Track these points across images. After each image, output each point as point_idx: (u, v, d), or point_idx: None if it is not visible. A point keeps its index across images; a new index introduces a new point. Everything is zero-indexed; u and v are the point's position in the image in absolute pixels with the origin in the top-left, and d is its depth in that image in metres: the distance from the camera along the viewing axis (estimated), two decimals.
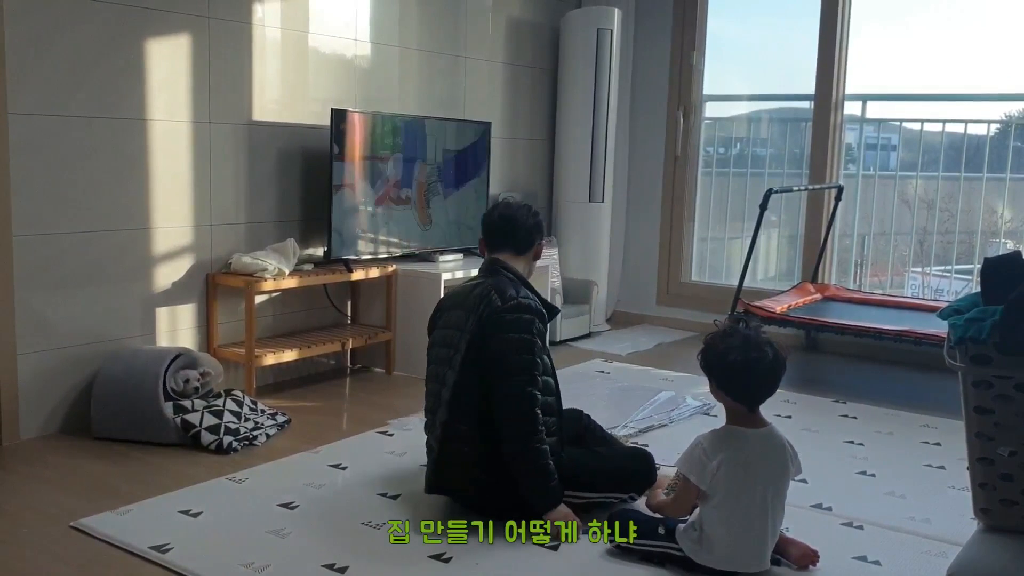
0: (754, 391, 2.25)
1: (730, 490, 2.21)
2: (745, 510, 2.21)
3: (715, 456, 2.22)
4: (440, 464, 2.60)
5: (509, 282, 2.63)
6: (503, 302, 2.54)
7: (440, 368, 2.62)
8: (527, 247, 2.77)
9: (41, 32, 3.14)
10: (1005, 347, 1.76)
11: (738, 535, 2.23)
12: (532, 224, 2.77)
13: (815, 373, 4.73)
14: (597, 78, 5.17)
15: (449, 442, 2.56)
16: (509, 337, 2.51)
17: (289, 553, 2.39)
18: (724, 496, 2.21)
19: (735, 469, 2.21)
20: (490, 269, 2.71)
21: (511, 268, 2.70)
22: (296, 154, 4.05)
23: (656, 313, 5.57)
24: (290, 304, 4.10)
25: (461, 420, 2.54)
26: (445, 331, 2.66)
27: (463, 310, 2.61)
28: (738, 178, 5.61)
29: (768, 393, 2.26)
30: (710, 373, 2.28)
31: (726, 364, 2.22)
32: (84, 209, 3.33)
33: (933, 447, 3.40)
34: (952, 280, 5.11)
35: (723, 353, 2.22)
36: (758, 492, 2.22)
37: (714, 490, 2.21)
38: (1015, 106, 5.03)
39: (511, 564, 2.36)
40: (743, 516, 2.21)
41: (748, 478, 2.22)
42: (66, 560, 2.35)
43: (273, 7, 3.89)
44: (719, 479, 2.20)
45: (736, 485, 2.21)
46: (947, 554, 2.31)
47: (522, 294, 2.60)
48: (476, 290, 2.62)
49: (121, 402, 3.21)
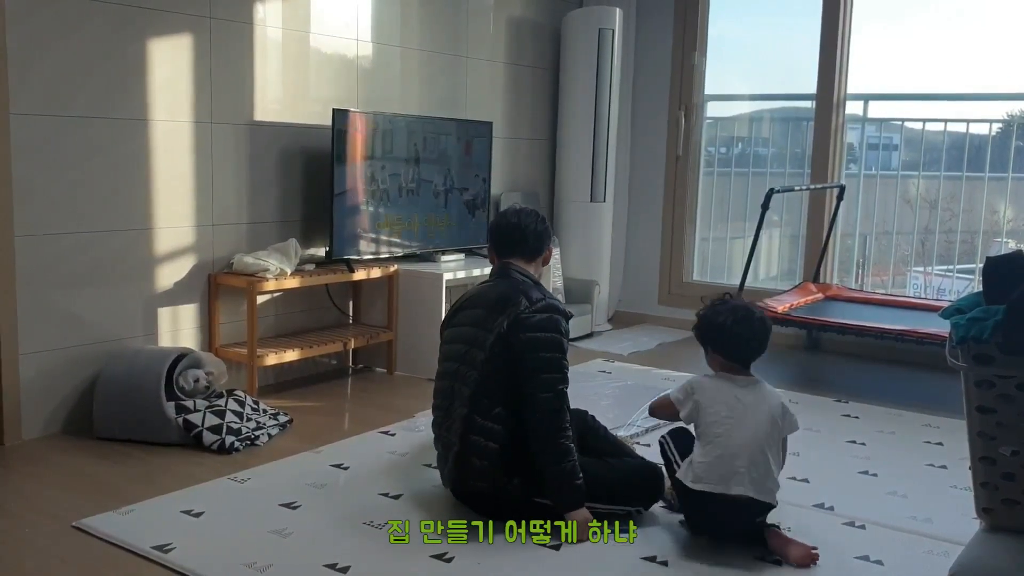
0: (744, 348, 2.52)
1: (709, 423, 2.44)
2: (725, 443, 2.40)
3: (700, 391, 2.48)
4: (460, 459, 2.57)
5: (530, 285, 2.67)
6: (531, 303, 2.58)
7: (457, 365, 2.62)
8: (537, 253, 2.79)
9: (43, 32, 3.15)
10: (1007, 346, 1.76)
11: (711, 463, 2.39)
12: (542, 230, 2.79)
13: (817, 373, 4.73)
14: (598, 78, 5.17)
15: (470, 435, 2.54)
16: (540, 336, 2.55)
17: (291, 553, 2.39)
18: (705, 427, 2.45)
19: (718, 406, 2.45)
20: (504, 272, 2.74)
21: (525, 272, 2.74)
22: (297, 154, 4.05)
23: (658, 313, 5.56)
24: (292, 304, 4.10)
25: (484, 416, 2.53)
26: (461, 329, 2.67)
27: (483, 309, 2.63)
28: (740, 178, 5.61)
29: (758, 351, 2.54)
30: (705, 340, 2.57)
31: (719, 326, 2.52)
32: (86, 209, 3.33)
33: (935, 447, 3.40)
34: (954, 280, 5.10)
35: (715, 318, 2.54)
36: (739, 432, 2.41)
37: (695, 419, 2.47)
38: (1017, 105, 5.03)
39: (512, 564, 2.36)
40: (722, 446, 2.40)
41: (732, 416, 2.43)
42: (68, 560, 2.35)
43: (274, 7, 3.89)
44: (702, 410, 2.46)
45: (716, 418, 2.43)
46: (949, 554, 2.30)
47: (548, 295, 2.65)
48: (497, 289, 2.66)
49: (123, 402, 3.21)
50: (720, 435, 2.41)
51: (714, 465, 2.39)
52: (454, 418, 2.59)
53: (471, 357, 2.58)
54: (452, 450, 2.59)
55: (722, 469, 2.38)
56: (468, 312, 2.70)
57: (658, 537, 2.53)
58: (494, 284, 2.72)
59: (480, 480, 2.56)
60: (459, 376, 2.61)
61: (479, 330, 2.61)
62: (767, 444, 2.42)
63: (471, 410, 2.54)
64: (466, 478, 2.59)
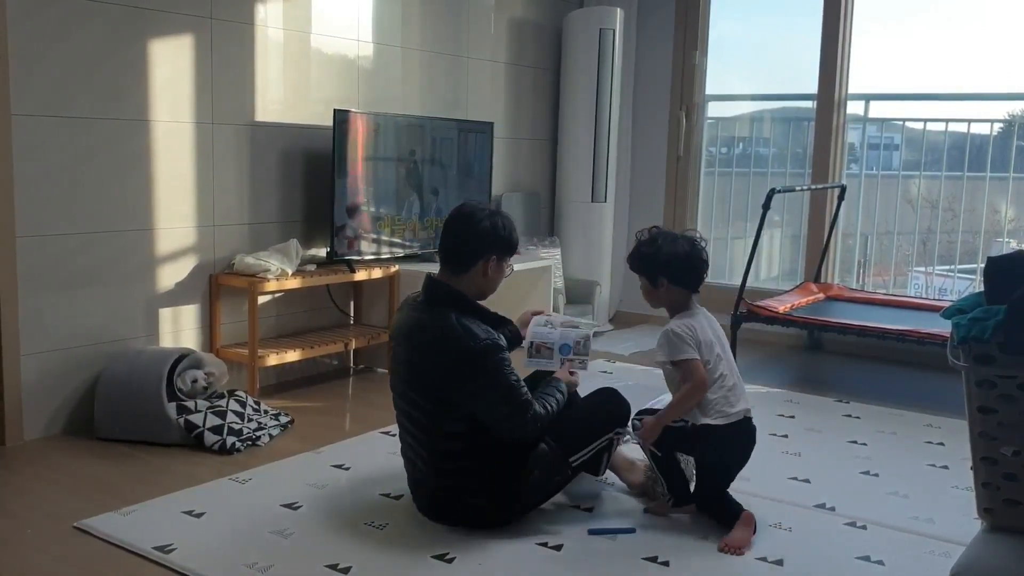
0: (700, 273, 2.62)
1: (710, 358, 2.54)
2: (727, 368, 2.56)
3: (692, 333, 2.55)
4: (437, 499, 2.55)
5: (453, 315, 2.45)
6: (459, 355, 2.40)
7: (405, 407, 2.56)
8: (467, 264, 2.53)
9: (44, 33, 3.15)
10: (1008, 347, 1.76)
11: (728, 388, 2.54)
12: (475, 234, 2.51)
13: (818, 373, 4.72)
14: (599, 78, 5.17)
15: (445, 480, 2.51)
16: (484, 393, 2.43)
17: (292, 553, 2.39)
18: (713, 364, 2.54)
19: (706, 343, 2.55)
20: (428, 292, 2.55)
21: (450, 291, 2.52)
22: (299, 155, 4.05)
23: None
24: (293, 304, 4.10)
25: (450, 460, 2.49)
26: (395, 368, 2.59)
27: (410, 350, 2.51)
28: (741, 178, 5.61)
29: (705, 275, 2.65)
30: (661, 271, 2.58)
31: (678, 255, 2.57)
32: (87, 210, 3.33)
33: (936, 447, 3.39)
34: (955, 280, 5.10)
35: (675, 248, 2.58)
36: (717, 354, 2.56)
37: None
38: (1018, 105, 5.03)
39: (513, 564, 2.36)
40: (726, 371, 2.56)
41: (716, 345, 2.57)
42: (69, 560, 2.36)
43: (275, 8, 3.89)
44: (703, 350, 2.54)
45: (712, 352, 2.55)
46: (950, 554, 2.30)
47: (474, 337, 2.42)
48: (421, 333, 2.48)
49: (124, 403, 3.21)
50: (725, 374, 2.55)
51: (732, 394, 2.54)
52: (420, 461, 2.55)
53: (417, 409, 2.50)
54: (423, 487, 2.57)
55: (735, 396, 2.55)
56: (395, 348, 2.58)
57: (658, 537, 2.53)
58: (409, 312, 2.55)
59: (466, 511, 2.53)
60: (414, 437, 2.54)
61: (401, 382, 2.54)
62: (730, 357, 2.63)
63: (437, 457, 2.50)
64: (448, 513, 2.56)
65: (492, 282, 2.60)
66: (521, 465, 2.51)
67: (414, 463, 2.59)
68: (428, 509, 2.59)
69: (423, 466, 2.55)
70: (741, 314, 4.34)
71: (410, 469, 2.64)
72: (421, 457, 2.54)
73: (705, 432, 2.52)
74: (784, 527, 2.61)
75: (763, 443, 3.38)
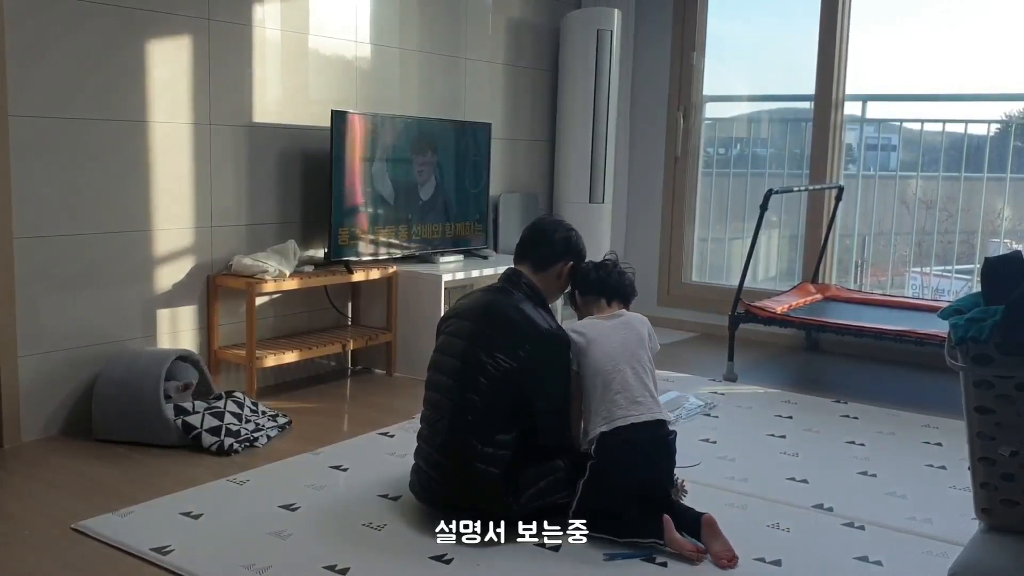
0: (618, 287, 2.77)
1: (597, 369, 2.57)
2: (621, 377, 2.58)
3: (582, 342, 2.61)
4: (453, 482, 2.49)
5: (531, 304, 2.62)
6: (538, 335, 2.55)
7: (451, 382, 2.53)
8: (543, 263, 2.74)
9: (42, 34, 3.15)
10: (1006, 347, 1.76)
11: (612, 397, 2.55)
12: (560, 240, 2.74)
13: (816, 373, 4.73)
14: (597, 79, 5.17)
15: (474, 463, 2.45)
16: (551, 374, 2.57)
17: (290, 554, 2.39)
18: (592, 374, 2.57)
19: (596, 350, 2.59)
20: (509, 279, 2.71)
21: (530, 282, 2.70)
22: (297, 156, 4.05)
23: (657, 313, 5.55)
24: (291, 305, 4.10)
25: (486, 443, 2.45)
26: (453, 341, 2.59)
27: (471, 321, 2.58)
28: (738, 178, 5.61)
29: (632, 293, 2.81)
30: (590, 289, 2.76)
31: (600, 274, 2.76)
32: (85, 211, 3.33)
33: (934, 447, 3.40)
34: (953, 280, 5.10)
35: (596, 270, 2.78)
36: (618, 363, 2.58)
37: (585, 370, 2.59)
38: (1015, 106, 5.04)
39: (512, 565, 2.36)
40: (616, 381, 2.57)
41: (615, 351, 2.60)
42: (67, 562, 2.35)
43: (273, 9, 3.89)
44: (588, 361, 2.59)
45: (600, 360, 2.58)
46: (948, 554, 2.30)
47: (552, 324, 2.63)
48: (495, 307, 2.60)
49: (122, 404, 3.21)
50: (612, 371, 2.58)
51: (616, 401, 2.54)
52: (448, 439, 2.49)
53: (469, 379, 2.49)
54: (440, 469, 2.52)
55: (622, 402, 2.55)
56: (463, 323, 2.61)
57: None
58: (492, 298, 2.65)
59: (481, 502, 2.48)
60: (454, 395, 2.51)
61: (471, 347, 2.53)
62: (646, 366, 2.65)
63: (472, 436, 2.46)
64: (461, 500, 2.51)
65: (561, 286, 2.80)
66: (535, 462, 2.50)
67: (434, 425, 2.54)
68: (434, 474, 2.52)
69: (447, 421, 2.50)
70: (739, 315, 4.34)
71: (427, 434, 2.58)
72: (449, 410, 2.51)
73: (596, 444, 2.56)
74: (782, 527, 2.61)
75: (761, 443, 3.40)
